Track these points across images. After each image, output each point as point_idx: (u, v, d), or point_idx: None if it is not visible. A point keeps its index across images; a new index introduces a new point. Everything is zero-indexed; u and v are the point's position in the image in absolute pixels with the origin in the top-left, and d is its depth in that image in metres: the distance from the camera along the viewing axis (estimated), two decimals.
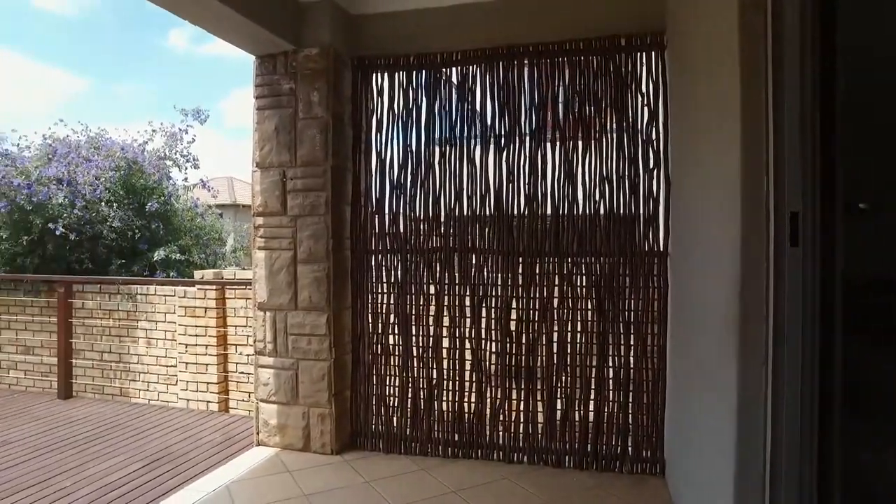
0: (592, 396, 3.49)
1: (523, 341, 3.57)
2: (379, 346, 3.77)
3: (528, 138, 3.57)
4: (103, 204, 5.99)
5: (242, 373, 5.43)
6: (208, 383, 5.43)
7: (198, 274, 5.59)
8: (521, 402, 3.58)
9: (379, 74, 3.79)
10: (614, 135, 3.46)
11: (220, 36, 3.50)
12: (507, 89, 3.60)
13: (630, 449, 3.41)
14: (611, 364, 3.47)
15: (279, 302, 3.67)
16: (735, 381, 1.84)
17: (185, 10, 3.16)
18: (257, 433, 3.83)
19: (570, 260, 3.51)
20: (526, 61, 3.57)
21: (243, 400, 5.42)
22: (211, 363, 5.42)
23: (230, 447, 4.00)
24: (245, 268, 8.03)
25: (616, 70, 3.43)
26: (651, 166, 3.39)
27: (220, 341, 5.43)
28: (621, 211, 3.45)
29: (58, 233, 5.72)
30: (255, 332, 3.75)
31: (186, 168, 7.18)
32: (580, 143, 3.51)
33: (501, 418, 3.60)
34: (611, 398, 3.46)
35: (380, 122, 3.77)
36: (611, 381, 3.47)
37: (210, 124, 7.34)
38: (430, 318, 3.69)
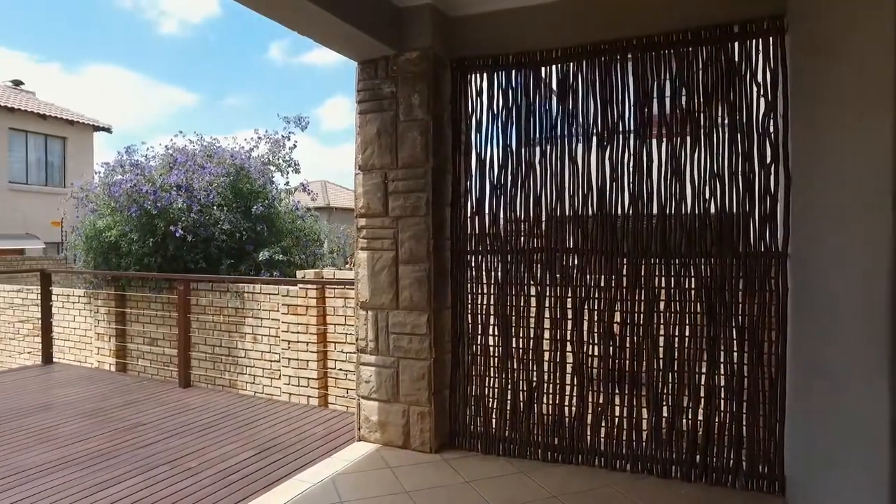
0: (702, 405, 3.31)
1: (627, 345, 3.45)
2: (478, 347, 3.77)
3: (631, 135, 3.45)
4: (215, 208, 6.44)
5: (341, 370, 5.62)
6: (309, 379, 5.68)
7: (300, 274, 5.86)
8: (625, 408, 3.45)
9: (478, 75, 3.80)
10: (726, 129, 3.27)
11: (325, 43, 3.65)
12: (609, 85, 3.49)
13: (744, 463, 3.20)
14: (722, 371, 3.27)
15: (381, 301, 3.77)
16: (886, 396, 1.67)
17: (293, 21, 3.32)
18: (358, 429, 3.95)
19: (677, 261, 3.35)
20: (630, 56, 3.44)
21: (341, 396, 5.61)
22: (311, 359, 5.65)
23: (332, 441, 4.15)
24: (340, 268, 8.34)
25: (728, 59, 3.24)
26: (768, 161, 3.17)
27: (319, 339, 5.66)
28: (734, 209, 3.24)
29: (177, 235, 6.21)
30: (358, 330, 3.87)
31: (288, 172, 7.58)
32: (688, 138, 3.35)
33: (604, 423, 3.50)
34: (722, 407, 3.27)
35: (479, 123, 3.78)
36: (722, 389, 3.27)
37: (306, 131, 7.68)
38: (531, 320, 3.65)
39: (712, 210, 3.28)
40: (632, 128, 3.45)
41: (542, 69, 3.68)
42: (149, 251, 6.43)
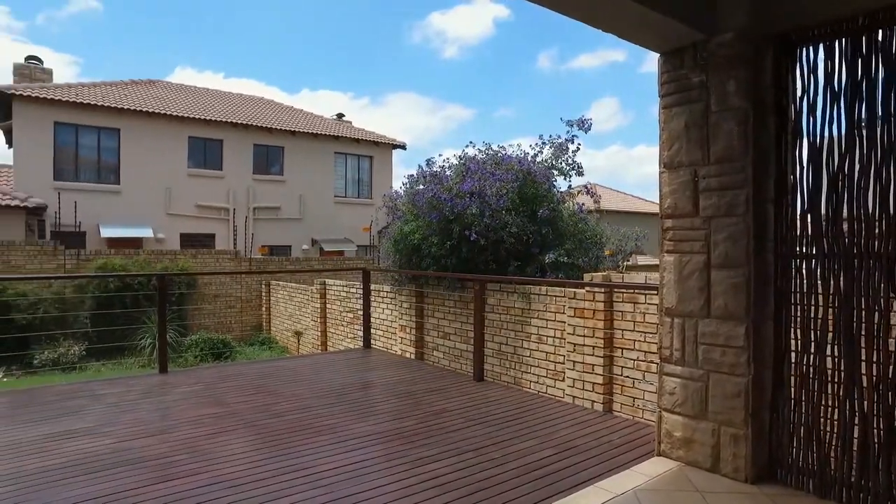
0: None
1: None
2: (809, 367, 3.20)
3: None
4: (504, 212, 6.80)
5: (627, 377, 5.40)
6: (594, 383, 5.58)
7: (587, 276, 5.81)
8: None
9: (810, 48, 3.23)
10: None
11: (628, 37, 3.52)
12: None
13: None
14: None
15: (689, 308, 3.47)
16: None
17: (597, 17, 3.28)
18: (658, 442, 3.71)
19: None
20: None
21: (627, 404, 5.38)
22: (597, 364, 5.55)
23: (628, 452, 3.98)
24: (620, 271, 8.10)
25: None
26: None
27: (606, 343, 5.52)
28: None
29: (471, 238, 6.73)
30: (661, 338, 3.63)
31: (570, 175, 7.62)
32: None
33: None
34: None
35: (812, 105, 3.21)
36: None
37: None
38: (889, 341, 2.94)
39: None
40: None
41: None
42: (445, 253, 7.11)
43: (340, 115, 26.66)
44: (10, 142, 18.57)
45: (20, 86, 18.05)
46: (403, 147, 24.56)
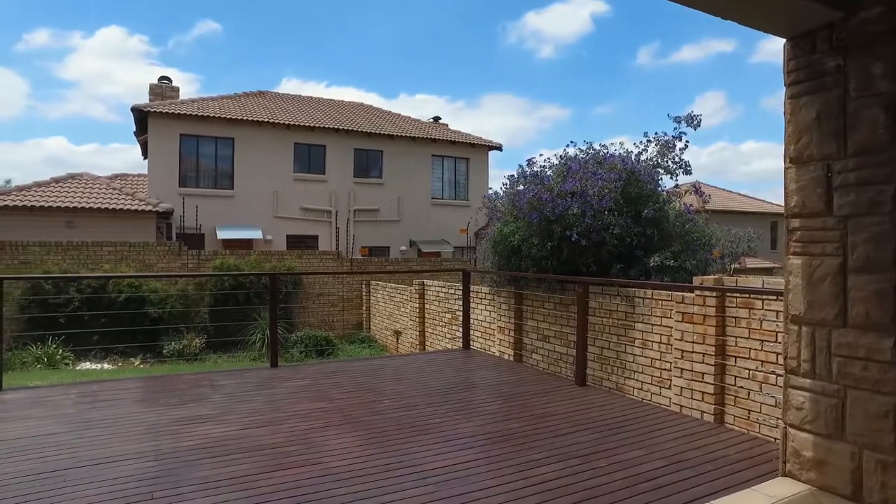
0: None
1: None
2: None
3: None
4: (606, 213, 6.57)
5: (741, 387, 5.05)
6: (703, 393, 5.27)
7: (696, 280, 5.51)
8: None
9: None
10: None
11: (750, 22, 3.27)
12: None
13: None
14: None
15: (820, 316, 3.17)
16: None
17: (716, 4, 3.07)
18: (784, 462, 3.41)
19: None
20: None
21: (741, 417, 5.03)
22: (707, 372, 5.24)
23: (746, 469, 3.71)
24: (729, 273, 7.58)
25: None
26: None
27: (717, 351, 5.20)
28: None
29: (573, 240, 6.56)
30: (787, 347, 3.35)
31: (677, 174, 7.24)
32: None
33: None
34: None
35: None
36: None
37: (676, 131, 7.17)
38: None
39: None
40: None
41: None
42: (546, 254, 6.99)
43: (437, 119, 27.10)
44: (145, 153, 20.60)
45: (154, 104, 20.01)
46: (499, 148, 24.55)
